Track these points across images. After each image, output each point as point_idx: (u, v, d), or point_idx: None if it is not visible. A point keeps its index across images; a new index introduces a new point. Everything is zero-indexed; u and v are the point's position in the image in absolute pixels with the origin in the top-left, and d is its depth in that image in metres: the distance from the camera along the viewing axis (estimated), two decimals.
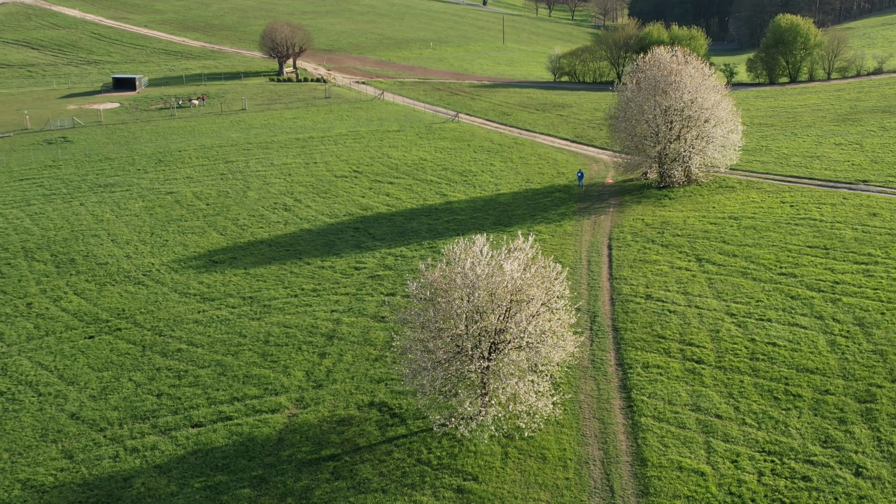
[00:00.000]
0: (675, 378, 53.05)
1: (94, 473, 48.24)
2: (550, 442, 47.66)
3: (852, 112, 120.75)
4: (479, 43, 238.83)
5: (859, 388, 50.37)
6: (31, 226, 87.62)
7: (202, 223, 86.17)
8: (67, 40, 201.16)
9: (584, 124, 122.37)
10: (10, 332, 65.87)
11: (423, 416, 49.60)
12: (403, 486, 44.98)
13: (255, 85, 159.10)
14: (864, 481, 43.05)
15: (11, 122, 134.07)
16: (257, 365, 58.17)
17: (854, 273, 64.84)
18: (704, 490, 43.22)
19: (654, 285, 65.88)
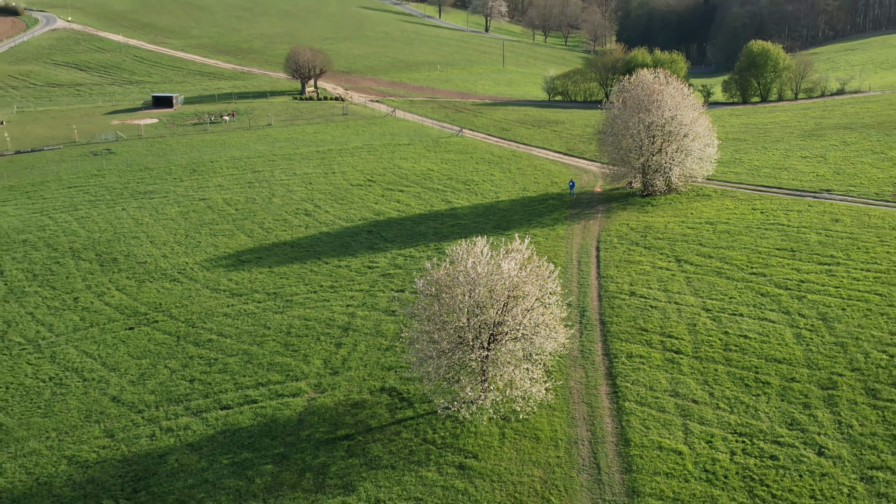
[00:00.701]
0: (656, 367, 53.10)
1: (132, 451, 48.43)
2: (543, 424, 47.75)
3: (817, 128, 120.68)
4: (482, 66, 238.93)
5: (822, 377, 50.35)
6: (78, 228, 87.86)
7: (231, 226, 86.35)
8: (112, 62, 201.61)
9: (575, 139, 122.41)
10: (59, 324, 66.09)
11: (429, 400, 49.67)
12: (411, 462, 45.12)
13: (280, 103, 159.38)
14: (826, 460, 43.08)
15: (61, 136, 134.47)
16: (280, 354, 58.35)
17: (818, 273, 64.77)
18: (682, 468, 43.25)
19: (638, 283, 65.88)
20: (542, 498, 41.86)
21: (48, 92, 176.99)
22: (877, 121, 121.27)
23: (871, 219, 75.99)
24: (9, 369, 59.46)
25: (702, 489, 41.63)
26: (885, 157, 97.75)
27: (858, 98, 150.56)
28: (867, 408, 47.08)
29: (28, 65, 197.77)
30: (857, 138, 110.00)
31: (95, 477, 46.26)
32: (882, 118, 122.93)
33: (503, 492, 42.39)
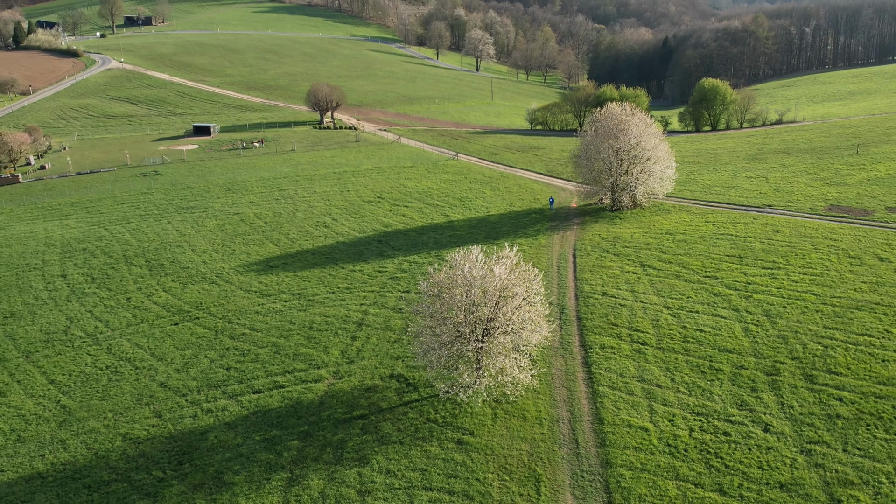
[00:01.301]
0: (625, 356, 53.09)
1: (177, 429, 48.37)
2: (529, 405, 47.75)
3: (759, 153, 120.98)
4: (474, 100, 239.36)
5: (767, 364, 50.39)
6: (129, 238, 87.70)
7: (261, 237, 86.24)
8: (158, 97, 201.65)
9: (553, 162, 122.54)
10: (114, 320, 65.95)
11: (432, 385, 49.65)
12: (416, 438, 45.12)
13: (302, 131, 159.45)
14: (771, 436, 43.10)
15: (115, 160, 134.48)
16: (304, 345, 58.25)
17: (762, 276, 64.83)
18: (648, 442, 43.25)
19: (609, 285, 65.85)
20: (529, 469, 41.79)
21: (104, 122, 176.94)
22: (810, 146, 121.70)
23: (807, 230, 76.12)
24: (71, 359, 59.33)
25: (665, 461, 41.60)
26: (817, 178, 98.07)
27: (794, 127, 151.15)
28: (805, 391, 47.07)
29: (87, 99, 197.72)
30: (794, 161, 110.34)
31: (146, 451, 46.14)
32: (814, 144, 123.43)
33: (495, 463, 42.32)
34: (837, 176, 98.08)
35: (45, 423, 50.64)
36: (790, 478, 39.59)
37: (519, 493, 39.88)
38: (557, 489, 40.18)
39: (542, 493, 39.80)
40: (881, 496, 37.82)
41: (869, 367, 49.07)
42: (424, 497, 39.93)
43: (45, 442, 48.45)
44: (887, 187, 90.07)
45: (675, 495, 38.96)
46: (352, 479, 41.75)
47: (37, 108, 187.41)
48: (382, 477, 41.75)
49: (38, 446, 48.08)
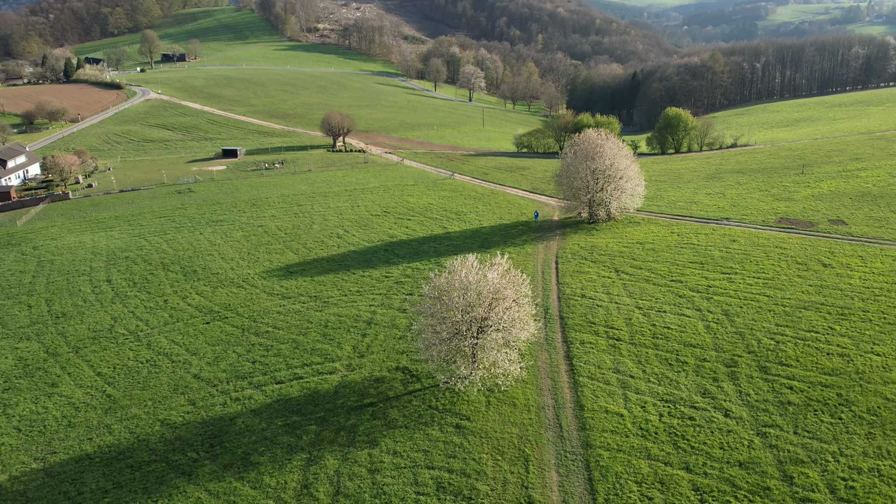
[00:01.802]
0: (602, 350, 52.98)
1: (209, 415, 48.20)
2: (518, 394, 47.61)
3: (717, 172, 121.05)
4: (467, 126, 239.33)
5: (726, 358, 50.37)
6: (166, 248, 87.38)
7: (282, 246, 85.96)
8: (191, 124, 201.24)
9: (538, 180, 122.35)
10: (153, 319, 65.67)
11: (433, 376, 49.58)
12: (419, 423, 45.02)
13: (317, 154, 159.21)
14: (731, 420, 43.11)
15: (153, 179, 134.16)
16: (320, 342, 58.01)
17: (721, 280, 64.80)
18: (623, 426, 43.19)
19: (587, 288, 65.74)
20: (519, 450, 41.65)
21: (143, 146, 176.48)
22: (761, 167, 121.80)
23: (760, 240, 76.14)
24: (115, 354, 59.04)
25: (638, 442, 41.52)
26: (768, 194, 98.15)
27: (747, 150, 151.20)
28: (760, 381, 47.03)
29: (128, 125, 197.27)
30: (748, 180, 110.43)
31: (182, 435, 45.93)
32: (765, 165, 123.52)
33: (490, 445, 42.18)
34: (785, 192, 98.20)
35: (92, 411, 50.38)
36: (748, 457, 39.54)
37: (510, 472, 39.73)
38: (544, 468, 40.05)
39: (530, 472, 39.66)
40: (828, 473, 37.78)
41: (816, 359, 49.06)
42: (427, 475, 39.76)
43: (93, 427, 48.20)
44: (829, 202, 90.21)
45: (647, 473, 38.87)
46: (363, 460, 41.59)
47: (85, 134, 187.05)
48: (390, 457, 41.59)
49: (87, 431, 47.84)
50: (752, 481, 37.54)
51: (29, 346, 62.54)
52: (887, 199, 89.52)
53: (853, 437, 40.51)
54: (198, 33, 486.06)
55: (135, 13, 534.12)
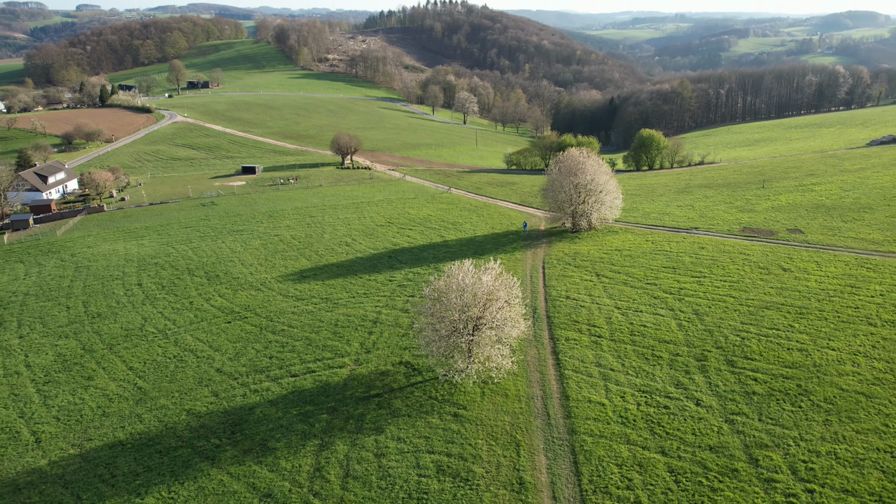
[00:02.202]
0: (585, 346, 52.74)
1: (231, 405, 47.79)
2: (510, 385, 47.31)
3: (687, 187, 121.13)
4: (462, 146, 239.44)
5: (697, 352, 50.17)
6: (192, 255, 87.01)
7: (296, 253, 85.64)
8: (214, 144, 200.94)
9: (526, 194, 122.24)
10: (180, 319, 65.23)
11: (432, 370, 49.27)
12: (421, 412, 44.68)
13: (328, 171, 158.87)
14: (702, 409, 42.87)
15: (180, 193, 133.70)
16: (330, 339, 57.64)
17: (691, 283, 64.68)
18: (605, 414, 42.94)
19: (571, 290, 65.55)
20: (511, 436, 41.39)
21: (171, 163, 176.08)
22: (726, 182, 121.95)
23: (725, 247, 76.08)
24: (146, 350, 58.65)
25: (618, 429, 41.30)
26: (732, 206, 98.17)
27: (713, 167, 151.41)
28: (728, 373, 46.86)
29: (157, 145, 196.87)
30: (714, 193, 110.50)
31: (206, 423, 45.56)
32: (730, 180, 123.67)
33: (484, 432, 41.92)
34: (748, 205, 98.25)
35: (124, 402, 50.00)
36: (717, 442, 39.36)
37: (503, 456, 39.48)
38: (534, 452, 39.80)
39: (521, 455, 39.42)
40: (790, 456, 37.61)
41: (777, 354, 48.94)
42: (428, 459, 39.49)
43: (125, 416, 47.82)
44: (787, 213, 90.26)
45: (626, 456, 38.66)
46: (370, 445, 41.29)
47: (118, 153, 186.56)
48: (394, 443, 41.31)
49: (119, 419, 47.46)
50: (721, 464, 37.36)
51: (67, 343, 62.11)
52: (839, 210, 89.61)
53: (812, 424, 40.36)
54: (220, 63, 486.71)
55: (163, 45, 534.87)
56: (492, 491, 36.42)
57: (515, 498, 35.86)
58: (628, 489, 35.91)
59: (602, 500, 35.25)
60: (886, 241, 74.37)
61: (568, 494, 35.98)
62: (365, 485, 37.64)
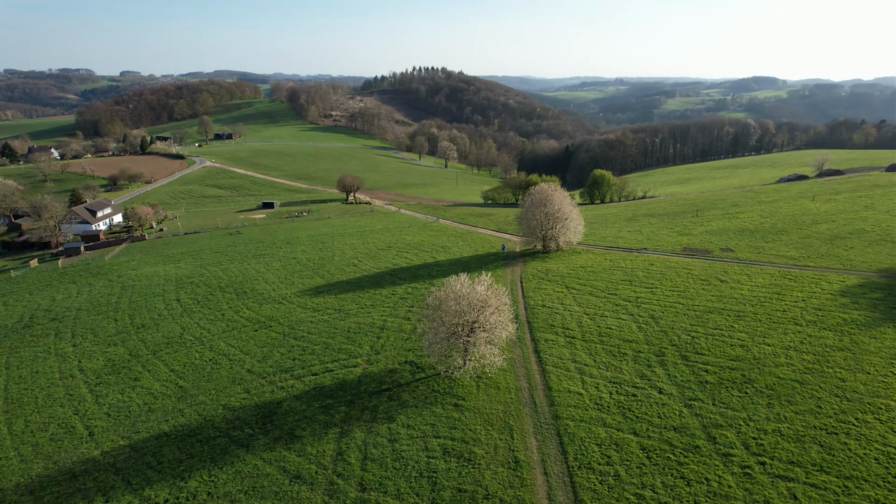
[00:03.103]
0: (561, 346, 51.87)
1: (261, 400, 46.07)
2: (501, 379, 46.22)
3: (634, 216, 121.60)
4: (445, 185, 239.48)
5: (655, 349, 49.55)
6: (222, 275, 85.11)
7: (311, 272, 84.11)
8: (237, 184, 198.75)
9: (502, 223, 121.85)
10: (214, 328, 63.36)
11: (434, 367, 48.06)
12: (426, 403, 43.39)
13: (335, 206, 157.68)
14: (664, 396, 42.14)
15: (210, 224, 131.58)
16: (345, 343, 56.16)
17: (645, 292, 64.30)
18: (582, 402, 42.04)
19: (546, 300, 64.79)
20: (504, 422, 40.26)
21: (202, 200, 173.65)
22: (666, 212, 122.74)
23: (671, 263, 76.05)
24: (185, 355, 56.71)
25: (595, 414, 40.37)
26: (673, 231, 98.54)
27: (654, 200, 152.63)
28: (683, 366, 46.28)
29: (190, 185, 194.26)
30: (657, 221, 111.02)
31: (240, 416, 43.84)
32: (669, 210, 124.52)
33: (481, 419, 40.74)
34: (686, 229, 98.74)
35: (167, 399, 48.10)
36: (680, 423, 38.60)
37: (499, 439, 38.31)
38: (525, 435, 38.69)
39: (514, 438, 38.29)
40: (742, 434, 36.94)
41: (722, 349, 48.53)
42: (435, 442, 38.19)
43: (168, 411, 45.93)
44: (719, 236, 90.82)
45: (604, 437, 37.71)
46: (384, 432, 39.91)
47: (156, 192, 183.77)
48: (405, 430, 39.96)
49: (164, 414, 45.56)
50: (684, 441, 36.57)
51: (116, 350, 59.96)
52: (761, 233, 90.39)
53: (757, 407, 39.81)
54: (241, 118, 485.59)
55: (194, 104, 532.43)
56: (492, 469, 35.20)
57: (512, 475, 34.68)
58: (608, 465, 34.92)
59: (587, 475, 34.21)
60: (802, 257, 74.95)
61: (557, 470, 34.89)
62: (382, 466, 36.22)
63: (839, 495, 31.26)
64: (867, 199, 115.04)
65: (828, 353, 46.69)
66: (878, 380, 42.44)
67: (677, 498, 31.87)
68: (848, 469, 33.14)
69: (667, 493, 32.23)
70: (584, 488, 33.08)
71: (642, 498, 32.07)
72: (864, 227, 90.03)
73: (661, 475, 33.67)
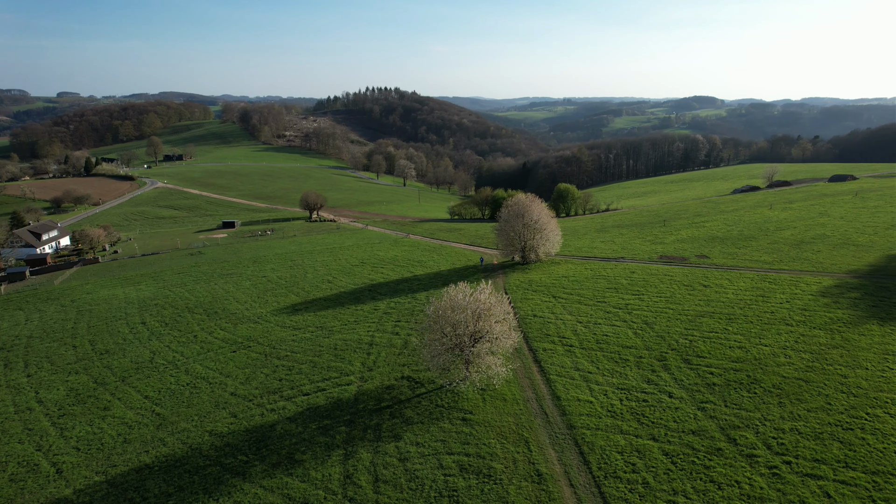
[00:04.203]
0: (561, 354, 50.64)
1: (251, 424, 42.81)
2: (506, 391, 44.51)
3: (603, 227, 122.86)
4: (407, 202, 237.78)
5: (657, 354, 48.95)
6: (188, 296, 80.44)
7: (285, 290, 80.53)
8: (194, 205, 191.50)
9: (473, 237, 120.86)
10: (187, 351, 59.31)
11: (433, 381, 46.09)
12: (432, 418, 41.19)
13: (298, 224, 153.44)
14: (675, 400, 41.37)
15: (169, 245, 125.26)
16: (333, 361, 53.30)
17: (633, 299, 64.09)
18: (594, 410, 40.82)
19: (536, 310, 63.63)
20: (518, 434, 38.50)
21: (157, 221, 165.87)
22: (633, 222, 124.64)
23: (651, 271, 76.46)
24: (158, 380, 52.58)
25: (610, 422, 39.13)
26: (645, 240, 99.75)
27: (618, 213, 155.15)
28: (687, 370, 45.76)
29: (142, 207, 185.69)
30: (627, 231, 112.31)
31: (230, 441, 40.48)
32: (636, 221, 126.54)
33: (494, 432, 38.84)
34: (657, 238, 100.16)
35: (145, 428, 44.12)
36: (697, 426, 37.78)
37: (517, 452, 36.50)
38: (542, 446, 37.02)
39: (532, 450, 36.56)
40: (760, 434, 36.38)
41: (722, 351, 48.38)
42: (449, 459, 36.03)
43: (148, 441, 42.05)
44: (691, 244, 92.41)
45: (624, 444, 36.45)
46: (392, 451, 37.45)
47: (106, 214, 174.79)
48: (414, 448, 37.63)
49: (142, 444, 41.66)
50: (706, 444, 35.69)
51: (78, 378, 55.10)
52: (731, 240, 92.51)
53: (769, 407, 39.48)
54: (192, 139, 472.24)
55: (140, 125, 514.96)
56: (515, 484, 33.30)
57: (538, 489, 32.88)
58: (634, 472, 33.60)
59: (615, 484, 32.76)
60: (774, 261, 76.74)
61: (583, 481, 33.31)
62: (396, 487, 33.76)
63: (871, 490, 30.86)
64: (820, 207, 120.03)
65: (824, 352, 47.13)
66: (877, 375, 42.93)
67: (712, 502, 30.77)
68: (872, 464, 32.90)
69: (700, 499, 31.11)
70: (614, 498, 31.60)
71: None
72: (825, 232, 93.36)
73: (689, 480, 32.56)
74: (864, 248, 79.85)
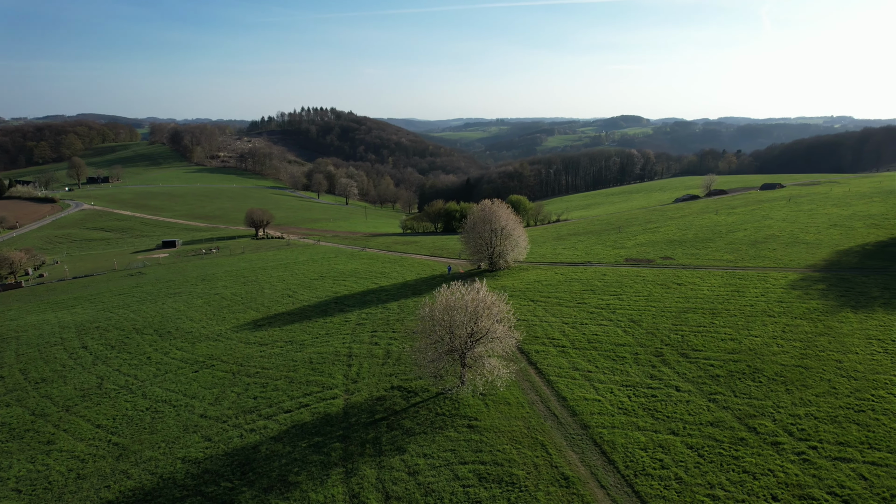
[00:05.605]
0: (556, 356, 48.67)
1: (230, 447, 38.18)
2: (508, 395, 41.96)
3: (559, 236, 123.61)
4: (354, 219, 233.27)
5: (652, 350, 47.83)
6: (135, 317, 73.43)
7: (242, 306, 74.97)
8: (127, 226, 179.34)
9: (432, 248, 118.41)
10: (141, 374, 53.37)
11: (427, 389, 42.90)
12: (434, 428, 38.06)
13: (244, 242, 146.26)
14: (684, 393, 40.09)
15: (104, 266, 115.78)
16: (311, 375, 49.11)
17: (612, 299, 63.29)
18: (605, 408, 38.95)
19: (518, 314, 60.44)
20: (532, 438, 35.91)
21: (86, 244, 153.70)
22: (588, 231, 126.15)
23: (622, 272, 76.37)
24: (111, 406, 46.62)
25: (624, 419, 37.25)
26: (607, 245, 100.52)
27: (570, 223, 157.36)
28: (687, 363, 44.76)
29: (68, 229, 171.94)
30: (586, 238, 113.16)
31: (208, 468, 35.73)
32: (590, 229, 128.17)
33: (505, 437, 36.09)
34: (618, 243, 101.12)
35: (101, 460, 38.49)
36: (713, 418, 36.48)
37: (535, 456, 33.88)
38: (560, 449, 34.59)
39: (551, 453, 34.05)
40: (778, 421, 35.47)
41: (716, 344, 47.81)
42: (464, 469, 32.95)
43: (107, 475, 36.55)
44: (652, 247, 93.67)
45: (645, 441, 34.59)
46: (398, 465, 33.97)
47: (26, 237, 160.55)
48: (423, 460, 34.29)
49: (101, 479, 36.15)
50: (728, 435, 34.34)
51: (11, 411, 48.13)
52: (690, 242, 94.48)
53: (778, 394, 38.82)
54: (118, 161, 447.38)
55: (59, 146, 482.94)
56: (542, 489, 30.63)
57: (567, 493, 30.33)
58: (663, 468, 31.70)
59: (647, 482, 30.69)
60: (738, 259, 78.45)
61: (612, 482, 31.05)
62: (411, 503, 30.33)
63: None
64: (761, 211, 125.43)
65: (812, 339, 47.42)
66: (867, 358, 43.34)
67: (752, 493, 29.22)
68: (895, 443, 32.44)
69: (739, 490, 29.51)
70: (651, 496, 29.50)
71: (716, 499, 29.06)
72: (774, 232, 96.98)
73: (722, 472, 30.97)
74: (814, 246, 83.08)
